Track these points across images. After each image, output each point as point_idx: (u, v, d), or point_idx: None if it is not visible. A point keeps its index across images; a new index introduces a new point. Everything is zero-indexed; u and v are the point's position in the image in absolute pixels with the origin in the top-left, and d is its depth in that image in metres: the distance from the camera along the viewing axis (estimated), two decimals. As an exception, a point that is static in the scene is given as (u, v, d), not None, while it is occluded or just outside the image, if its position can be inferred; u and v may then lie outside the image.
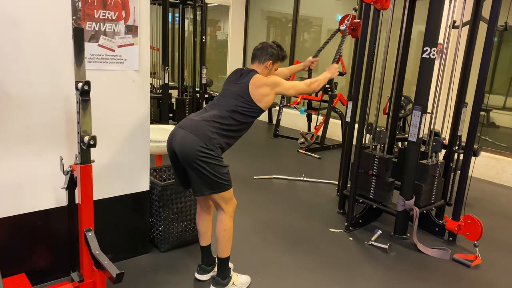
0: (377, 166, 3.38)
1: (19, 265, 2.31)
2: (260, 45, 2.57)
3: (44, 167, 2.31)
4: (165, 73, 5.96)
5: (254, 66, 2.52)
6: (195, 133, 2.22)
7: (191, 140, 2.20)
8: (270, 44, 2.55)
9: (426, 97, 3.11)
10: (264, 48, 2.53)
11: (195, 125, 2.27)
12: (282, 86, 2.45)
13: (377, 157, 3.38)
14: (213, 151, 2.23)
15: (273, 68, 2.56)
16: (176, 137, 2.26)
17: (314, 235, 3.35)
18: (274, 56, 2.52)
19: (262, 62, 2.51)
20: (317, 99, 6.11)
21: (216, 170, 2.23)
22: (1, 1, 2.05)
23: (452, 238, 3.36)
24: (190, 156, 2.19)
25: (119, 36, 2.44)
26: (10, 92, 2.16)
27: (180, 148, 2.23)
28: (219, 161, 2.26)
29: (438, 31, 3.01)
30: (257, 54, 2.53)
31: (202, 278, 2.60)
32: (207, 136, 2.23)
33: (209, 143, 2.22)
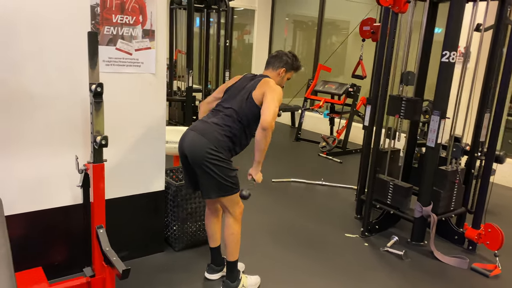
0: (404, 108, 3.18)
1: (37, 259, 2.41)
2: (276, 52, 2.59)
3: (62, 165, 2.40)
4: (189, 76, 6.06)
5: (268, 72, 2.54)
6: (205, 135, 2.26)
7: (200, 142, 2.25)
8: (285, 52, 2.57)
9: (445, 101, 3.05)
10: (279, 56, 2.55)
11: (205, 127, 2.31)
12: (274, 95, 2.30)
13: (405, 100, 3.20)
14: (222, 153, 2.26)
15: (286, 77, 2.56)
16: (187, 139, 2.31)
17: (329, 239, 3.34)
18: (288, 64, 2.54)
19: (276, 69, 2.52)
20: (339, 103, 6.08)
21: (224, 172, 2.27)
22: (25, 8, 2.16)
23: (472, 247, 3.27)
24: (200, 158, 2.24)
25: (136, 40, 2.52)
26: (31, 92, 2.26)
27: (190, 150, 2.28)
28: (227, 164, 2.29)
29: (458, 35, 2.94)
30: (272, 61, 2.56)
31: (212, 277, 2.65)
32: (217, 139, 2.26)
33: (218, 146, 2.25)
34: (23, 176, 2.32)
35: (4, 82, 2.17)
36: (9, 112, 2.21)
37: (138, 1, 2.47)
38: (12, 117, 2.23)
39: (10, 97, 2.21)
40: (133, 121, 2.63)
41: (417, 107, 3.23)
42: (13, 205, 2.30)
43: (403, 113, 3.25)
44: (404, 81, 3.31)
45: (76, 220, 2.48)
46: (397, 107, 3.28)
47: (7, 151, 2.24)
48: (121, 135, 2.59)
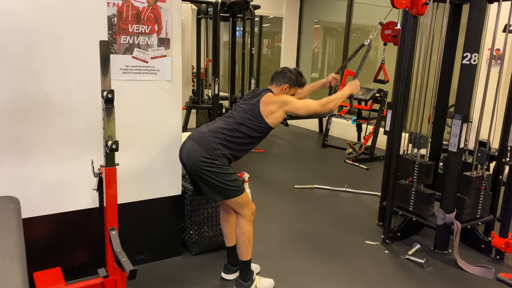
0: (417, 172, 3.22)
1: (58, 260, 2.51)
2: (281, 69, 2.67)
3: (82, 169, 2.50)
4: (215, 84, 6.15)
5: (272, 87, 2.61)
6: (200, 143, 2.34)
7: (195, 151, 2.33)
8: (290, 69, 2.64)
9: (467, 105, 2.96)
10: (283, 72, 2.62)
11: (201, 136, 2.39)
12: (292, 105, 2.47)
13: (417, 163, 3.21)
14: (216, 160, 2.32)
15: (290, 93, 2.62)
16: (184, 148, 2.42)
17: (348, 246, 3.28)
18: (292, 81, 2.59)
19: (279, 85, 2.59)
20: (366, 108, 5.99)
21: (222, 178, 2.32)
22: (47, 20, 2.28)
23: (499, 256, 3.13)
24: (195, 166, 2.32)
25: (152, 48, 2.60)
26: (53, 100, 2.38)
27: (187, 158, 2.38)
28: (224, 169, 2.34)
29: (479, 36, 2.86)
30: (276, 77, 2.62)
31: (228, 277, 2.70)
32: (210, 147, 2.33)
33: (211, 153, 2.31)
34: (45, 180, 2.43)
35: (28, 91, 2.30)
36: (32, 119, 2.33)
37: (154, 11, 2.55)
38: (35, 124, 2.35)
39: (34, 105, 2.33)
40: (149, 127, 2.71)
41: (430, 171, 3.19)
42: (36, 208, 2.42)
43: (416, 177, 3.23)
44: (417, 145, 3.24)
45: (95, 222, 2.58)
46: (410, 170, 3.25)
47: (30, 155, 2.36)
48: (138, 141, 2.67)
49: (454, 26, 3.35)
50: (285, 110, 2.48)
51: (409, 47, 3.09)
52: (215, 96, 6.15)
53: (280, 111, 2.46)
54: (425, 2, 2.85)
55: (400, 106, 3.23)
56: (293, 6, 8.59)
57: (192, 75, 7.74)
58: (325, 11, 8.43)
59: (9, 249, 1.77)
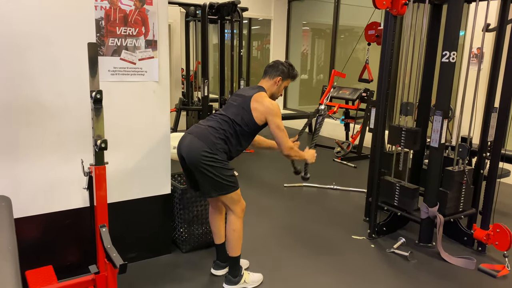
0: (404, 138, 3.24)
1: (49, 259, 2.55)
2: (273, 62, 2.72)
3: (73, 170, 2.55)
4: (205, 86, 6.21)
5: (264, 81, 2.66)
6: (201, 138, 2.39)
7: (196, 145, 2.37)
8: (282, 62, 2.70)
9: (447, 101, 3.05)
10: (275, 66, 2.67)
11: (201, 131, 2.44)
12: (275, 120, 2.50)
13: (404, 130, 3.21)
14: (217, 155, 2.37)
15: (283, 85, 2.68)
16: (184, 143, 2.45)
17: (336, 241, 3.36)
18: (285, 73, 2.65)
19: (272, 78, 2.64)
20: (353, 108, 6.09)
21: (220, 172, 2.37)
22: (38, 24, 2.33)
23: (481, 248, 3.23)
24: (196, 160, 2.36)
25: (139, 50, 2.66)
26: (44, 103, 2.43)
27: (187, 152, 2.40)
28: (223, 164, 2.39)
29: (457, 35, 2.95)
30: (269, 70, 2.68)
31: (218, 273, 2.76)
32: (212, 141, 2.38)
33: (213, 148, 2.37)
34: (36, 180, 2.47)
35: (19, 93, 2.35)
36: (23, 120, 2.38)
37: (141, 13, 2.61)
38: (26, 125, 2.39)
39: (25, 107, 2.38)
40: (138, 127, 2.76)
41: (417, 137, 3.25)
42: (27, 207, 2.46)
43: (403, 143, 3.29)
44: (403, 111, 3.33)
45: (86, 221, 2.62)
46: (397, 137, 3.31)
47: (21, 156, 2.41)
48: (127, 141, 2.73)
49: (434, 25, 3.45)
50: (266, 118, 2.50)
51: (390, 47, 3.19)
52: (204, 97, 6.21)
53: (262, 116, 2.49)
54: (405, 2, 2.94)
55: (382, 104, 3.32)
56: (281, 8, 8.69)
57: (181, 77, 7.80)
58: (313, 13, 8.54)
59: (1, 246, 1.82)
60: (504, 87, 3.06)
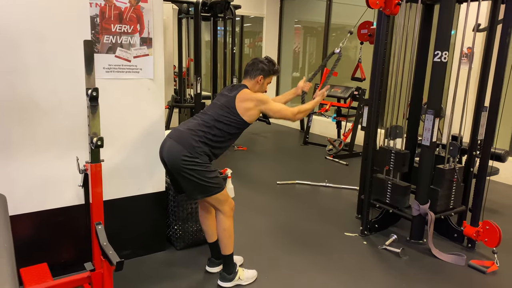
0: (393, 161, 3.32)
1: (44, 257, 2.55)
2: (252, 61, 2.69)
3: (68, 167, 2.55)
4: (197, 83, 6.21)
5: (246, 81, 2.66)
6: (180, 142, 2.38)
7: (176, 150, 2.37)
8: (261, 60, 2.67)
9: (438, 100, 3.10)
10: (255, 64, 2.65)
11: (180, 135, 2.43)
12: (267, 106, 2.53)
13: (394, 152, 3.31)
14: (197, 158, 2.37)
15: (265, 82, 2.67)
16: (165, 147, 2.46)
17: (328, 238, 3.40)
18: (265, 71, 2.64)
19: (253, 77, 2.63)
20: (345, 106, 6.13)
21: (202, 175, 2.37)
22: (32, 21, 2.32)
23: (471, 245, 3.29)
24: (176, 165, 2.37)
25: (134, 48, 2.66)
26: (38, 100, 2.42)
27: (167, 157, 2.42)
28: (205, 167, 2.39)
29: (449, 35, 3.00)
30: (249, 70, 2.66)
31: (212, 270, 2.78)
32: (191, 145, 2.37)
33: (193, 151, 2.36)
34: (30, 178, 2.47)
35: (13, 91, 2.33)
36: (17, 118, 2.37)
37: (136, 11, 2.61)
38: (20, 123, 2.38)
39: (19, 105, 2.36)
40: (133, 124, 2.76)
41: (406, 159, 3.30)
42: (21, 205, 2.45)
43: (392, 165, 3.34)
44: (392, 135, 3.37)
45: (81, 219, 2.62)
46: (387, 159, 3.37)
47: (15, 154, 2.39)
48: (122, 138, 2.73)
49: (426, 25, 3.49)
50: (260, 109, 2.53)
51: (383, 46, 3.22)
52: (197, 95, 6.20)
53: (256, 109, 2.51)
54: (398, 2, 2.97)
55: (375, 103, 3.35)
56: (274, 6, 8.71)
57: (174, 74, 7.77)
58: (305, 11, 8.56)
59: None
60: (494, 86, 3.12)
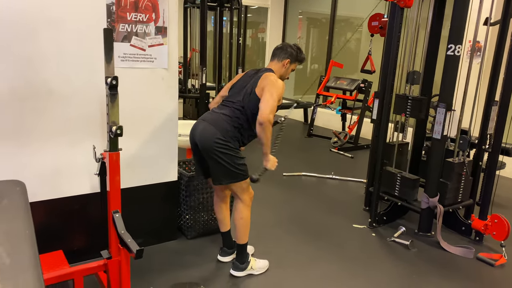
0: (410, 107, 3.28)
1: (58, 244, 2.55)
2: (281, 44, 2.71)
3: (81, 155, 2.55)
4: (203, 74, 6.19)
5: (273, 63, 2.66)
6: (215, 125, 2.40)
7: (210, 132, 2.38)
8: (290, 45, 2.69)
9: (450, 94, 3.10)
10: (284, 48, 2.66)
11: (215, 118, 2.45)
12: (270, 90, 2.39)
13: (411, 98, 3.28)
14: (230, 142, 2.39)
15: (290, 68, 2.67)
16: (197, 129, 2.45)
17: (337, 229, 3.42)
18: (293, 56, 2.65)
19: (280, 60, 2.64)
20: (351, 98, 6.14)
21: (232, 160, 2.39)
22: (47, 8, 2.30)
23: (479, 238, 3.32)
24: (209, 147, 2.37)
25: (149, 37, 2.65)
26: (51, 87, 2.41)
27: (200, 139, 2.41)
28: (235, 152, 2.42)
29: (463, 28, 3.00)
30: (277, 53, 2.67)
31: (224, 259, 2.80)
32: (225, 129, 2.39)
33: (226, 135, 2.38)
34: (44, 166, 2.47)
35: (28, 79, 2.32)
36: (32, 106, 2.36)
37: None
38: (34, 111, 2.37)
39: (33, 93, 2.35)
40: (146, 114, 2.76)
41: (423, 105, 3.29)
42: (35, 193, 2.46)
43: (409, 112, 3.33)
44: (410, 80, 3.37)
45: (94, 208, 2.63)
46: (403, 106, 3.35)
47: (30, 142, 2.39)
48: (135, 128, 2.73)
49: (438, 18, 3.48)
50: (265, 89, 2.41)
51: (396, 38, 3.22)
52: (203, 85, 6.19)
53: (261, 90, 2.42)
54: (413, -5, 2.97)
55: (387, 95, 3.36)
56: (279, -4, 8.67)
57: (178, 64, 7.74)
58: (310, 2, 8.52)
59: (19, 230, 1.82)
60: (506, 81, 3.12)
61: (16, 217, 1.86)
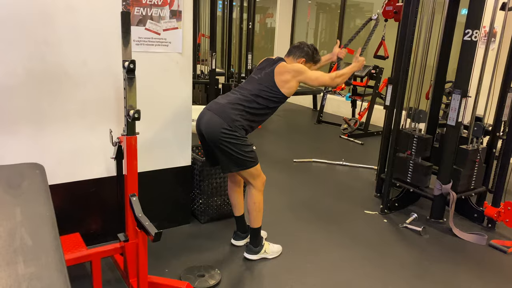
0: (415, 146, 3.35)
1: (74, 227, 2.58)
2: (298, 43, 2.71)
3: (97, 139, 2.56)
4: (212, 59, 6.17)
5: (288, 60, 2.66)
6: (220, 115, 2.40)
7: (216, 122, 2.39)
8: (307, 44, 2.69)
9: (466, 81, 3.06)
10: (301, 47, 2.67)
11: (220, 108, 2.44)
12: (305, 75, 2.51)
13: (416, 137, 3.34)
14: (236, 132, 2.39)
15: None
16: (203, 119, 2.46)
17: (349, 215, 3.43)
18: (309, 56, 2.66)
19: (296, 58, 2.64)
20: (362, 85, 6.09)
21: (240, 149, 2.40)
22: (61, -10, 2.30)
23: (491, 225, 3.31)
24: (215, 137, 2.38)
25: (164, 21, 2.63)
26: (68, 71, 2.41)
27: (206, 129, 2.43)
28: (242, 140, 2.42)
29: (481, 13, 2.95)
30: (293, 50, 2.68)
31: (238, 243, 2.83)
32: (231, 118, 2.39)
33: (232, 125, 2.38)
34: (62, 149, 2.48)
35: (44, 62, 2.33)
36: (49, 89, 2.37)
37: (166, -18, 2.57)
38: (51, 94, 2.38)
39: (50, 76, 2.36)
40: (160, 98, 2.76)
41: (428, 144, 3.31)
42: (53, 176, 2.47)
43: (414, 150, 3.35)
44: (416, 119, 3.36)
45: (109, 191, 2.66)
46: (409, 143, 3.37)
47: (47, 125, 2.40)
48: (149, 112, 2.72)
49: (454, 3, 3.42)
50: (299, 80, 2.51)
51: (412, 23, 3.17)
52: (212, 71, 6.17)
53: (294, 80, 2.49)
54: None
55: (402, 81, 3.33)
56: (288, -19, 8.56)
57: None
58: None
59: (40, 212, 1.85)
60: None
61: (36, 200, 1.88)
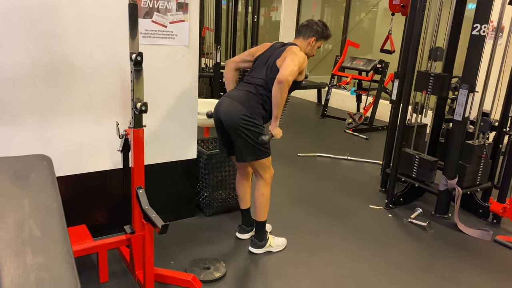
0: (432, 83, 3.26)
1: (80, 218, 2.60)
2: (306, 22, 2.67)
3: (103, 132, 2.56)
4: (217, 52, 6.16)
5: (298, 41, 2.62)
6: (241, 102, 2.40)
7: (236, 108, 2.38)
8: (316, 21, 2.64)
9: (473, 76, 3.04)
10: (309, 25, 2.62)
11: (241, 95, 2.44)
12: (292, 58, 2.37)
13: (433, 75, 3.25)
14: (255, 119, 2.39)
15: (316, 45, 2.64)
16: (223, 106, 2.45)
17: (353, 210, 3.43)
18: (319, 33, 2.61)
19: (306, 38, 2.60)
20: (367, 79, 6.06)
21: (256, 137, 2.40)
22: (68, -19, 2.29)
23: (496, 221, 3.30)
24: (235, 123, 2.38)
25: (171, 13, 2.62)
26: (74, 63, 2.41)
27: (226, 115, 2.41)
28: (260, 129, 2.42)
29: (489, 7, 2.92)
30: (302, 30, 2.63)
31: (242, 237, 2.83)
32: (252, 106, 2.40)
33: (253, 112, 2.39)
34: (69, 141, 2.49)
35: (51, 54, 2.32)
36: (55, 81, 2.37)
37: (173, -26, 2.56)
38: (58, 86, 2.38)
39: (56, 68, 2.36)
40: (167, 91, 2.76)
41: (445, 82, 3.24)
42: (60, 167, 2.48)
43: (430, 89, 3.27)
44: (433, 56, 3.32)
45: (115, 184, 2.66)
46: (425, 82, 3.29)
47: (53, 117, 2.41)
48: (156, 105, 2.73)
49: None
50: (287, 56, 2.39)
51: (420, 17, 3.15)
52: (217, 64, 6.16)
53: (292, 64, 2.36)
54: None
55: (408, 76, 3.31)
56: (294, -27, 8.50)
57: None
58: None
59: (48, 204, 1.86)
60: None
61: (44, 191, 1.89)
